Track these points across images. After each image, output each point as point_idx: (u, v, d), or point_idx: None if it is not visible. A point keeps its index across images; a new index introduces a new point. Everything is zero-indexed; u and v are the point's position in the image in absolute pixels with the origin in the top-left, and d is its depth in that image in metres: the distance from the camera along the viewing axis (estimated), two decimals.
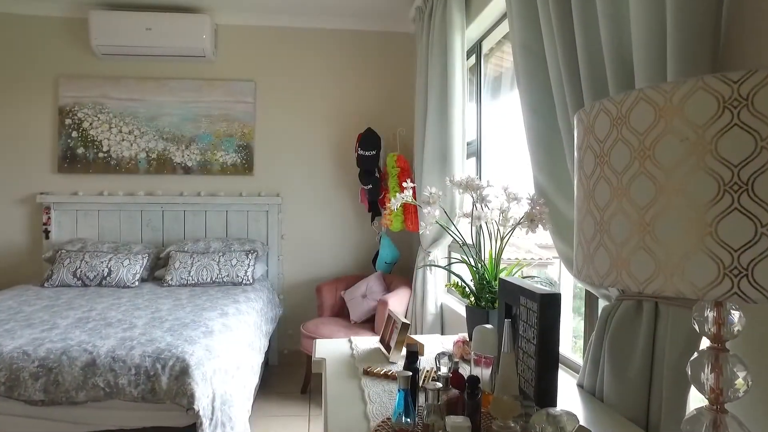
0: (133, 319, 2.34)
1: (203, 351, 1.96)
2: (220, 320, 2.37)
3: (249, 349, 2.44)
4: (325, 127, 3.98)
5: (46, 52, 3.85)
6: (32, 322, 2.29)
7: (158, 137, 3.84)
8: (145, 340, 2.00)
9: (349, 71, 4.00)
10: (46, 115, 3.85)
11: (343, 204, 3.99)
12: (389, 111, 4.00)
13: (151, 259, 3.47)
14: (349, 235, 4.00)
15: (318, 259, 3.97)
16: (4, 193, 3.83)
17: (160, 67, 3.88)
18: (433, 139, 2.97)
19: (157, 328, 2.18)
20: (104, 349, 1.91)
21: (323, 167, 3.98)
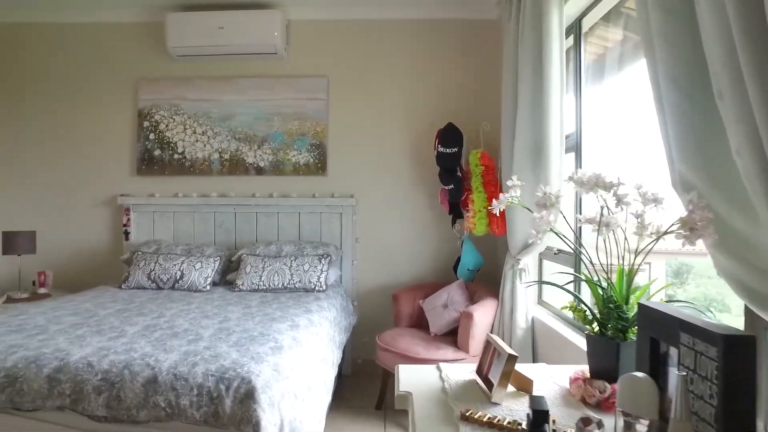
0: (200, 329, 2.19)
1: (271, 371, 1.75)
2: (290, 333, 2.17)
3: (322, 364, 2.23)
4: (402, 123, 3.73)
5: (127, 57, 3.89)
6: (102, 328, 2.20)
7: (231, 137, 3.76)
8: (209, 355, 1.82)
9: (427, 63, 3.72)
10: (126, 119, 3.89)
11: (421, 205, 3.72)
12: (471, 105, 3.67)
13: (222, 262, 3.37)
14: (427, 239, 3.72)
15: (394, 264, 3.72)
16: (89, 194, 3.91)
17: (232, 65, 3.80)
18: (524, 133, 2.62)
19: (223, 341, 2.01)
20: (166, 365, 1.75)
21: (400, 166, 3.72)
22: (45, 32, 3.97)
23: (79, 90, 3.93)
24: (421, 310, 3.27)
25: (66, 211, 3.94)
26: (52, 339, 2.03)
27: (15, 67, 4.00)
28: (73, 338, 2.04)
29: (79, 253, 3.94)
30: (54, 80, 3.96)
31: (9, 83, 4.00)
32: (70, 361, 1.80)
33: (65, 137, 3.94)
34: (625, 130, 2.38)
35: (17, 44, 4.00)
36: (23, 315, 2.43)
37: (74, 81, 3.94)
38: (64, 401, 1.74)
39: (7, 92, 4.00)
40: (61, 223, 3.95)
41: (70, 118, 3.94)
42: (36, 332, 2.14)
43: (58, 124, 3.96)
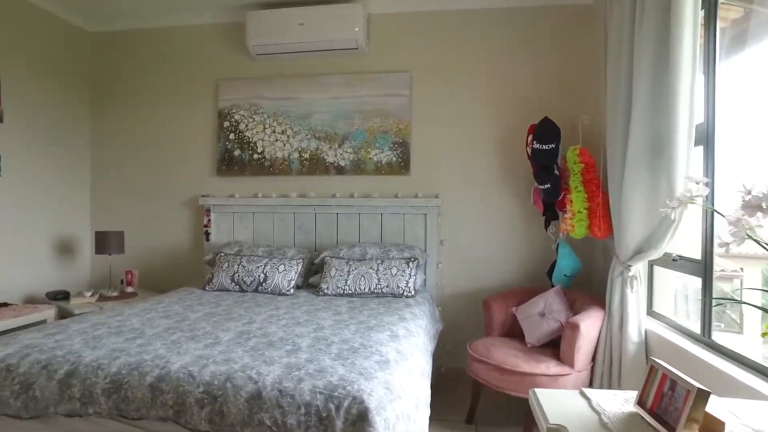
0: (296, 338, 2.08)
1: (383, 390, 1.60)
2: (392, 345, 2.01)
3: (423, 379, 2.06)
4: (491, 119, 3.50)
5: (208, 58, 3.90)
6: (196, 333, 2.14)
7: (310, 136, 3.67)
8: (313, 369, 1.70)
9: (517, 55, 3.48)
10: (207, 119, 3.89)
11: (510, 206, 3.48)
12: (567, 98, 3.40)
13: (305, 265, 3.29)
14: (517, 241, 3.48)
15: (481, 268, 3.51)
16: (173, 195, 3.95)
17: (312, 62, 3.72)
18: (641, 126, 2.34)
19: (324, 353, 1.88)
20: (270, 379, 1.64)
21: (488, 164, 3.50)
22: (130, 39, 4.05)
23: (163, 93, 3.98)
24: (514, 318, 3.04)
25: (151, 211, 4.00)
26: (150, 344, 1.97)
27: (101, 73, 4.11)
28: (170, 344, 1.98)
29: (162, 253, 3.99)
30: (139, 84, 4.03)
31: (99, 89, 4.11)
32: (171, 369, 1.73)
33: (151, 140, 4.01)
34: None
35: (104, 51, 4.10)
36: (119, 316, 2.41)
37: (158, 84, 3.99)
38: (167, 412, 1.66)
39: (97, 98, 4.11)
40: (147, 224, 4.01)
41: (154, 120, 4.00)
42: (133, 335, 2.10)
43: (143, 127, 4.03)
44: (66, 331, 2.14)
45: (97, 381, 1.73)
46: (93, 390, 1.72)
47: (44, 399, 1.76)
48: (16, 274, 3.48)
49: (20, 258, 3.52)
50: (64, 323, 2.28)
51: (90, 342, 1.99)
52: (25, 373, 1.80)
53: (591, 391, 1.33)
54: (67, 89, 3.92)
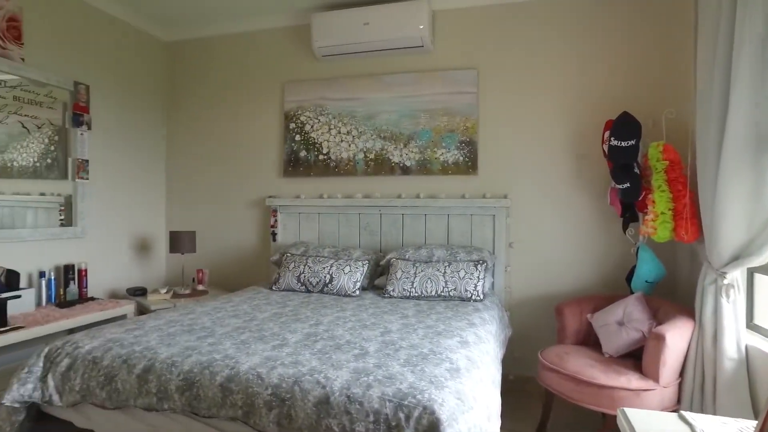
0: (363, 342, 2.04)
1: (454, 400, 1.52)
2: (462, 352, 1.93)
3: (494, 388, 1.96)
4: (563, 114, 3.32)
5: (275, 61, 3.97)
6: (264, 334, 2.15)
7: (376, 136, 3.64)
8: (382, 376, 1.64)
9: (592, 46, 3.28)
10: (274, 122, 3.96)
11: (584, 206, 3.28)
12: (648, 90, 3.16)
13: (370, 266, 3.26)
14: (592, 244, 3.27)
15: (552, 272, 3.33)
16: (241, 196, 4.06)
17: (376, 62, 3.69)
18: (743, 114, 2.11)
19: (392, 358, 1.83)
20: (338, 384, 1.60)
21: (560, 163, 3.32)
22: (201, 46, 4.20)
23: (232, 97, 4.10)
24: (589, 326, 2.86)
25: (221, 212, 4.13)
26: (220, 344, 2.00)
27: (175, 80, 4.29)
28: (239, 344, 2.00)
29: (231, 253, 4.10)
30: (209, 90, 4.17)
31: (173, 96, 4.30)
32: (240, 370, 1.74)
33: (220, 143, 4.14)
34: None
35: (178, 60, 4.28)
36: (191, 314, 2.48)
37: (227, 89, 4.12)
38: (236, 413, 1.67)
39: (171, 104, 4.30)
40: (216, 224, 4.14)
41: (224, 124, 4.12)
42: (204, 334, 2.14)
43: (214, 131, 4.16)
44: (143, 328, 2.22)
45: (171, 378, 1.77)
46: (168, 386, 1.76)
47: (125, 392, 1.83)
48: (101, 271, 3.69)
49: (105, 256, 3.73)
50: (142, 319, 2.37)
51: (165, 339, 2.05)
52: (108, 366, 1.88)
53: (693, 415, 1.19)
54: (145, 97, 4.12)
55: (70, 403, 1.92)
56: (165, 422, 1.81)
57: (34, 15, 3.21)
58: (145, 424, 1.85)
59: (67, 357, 1.96)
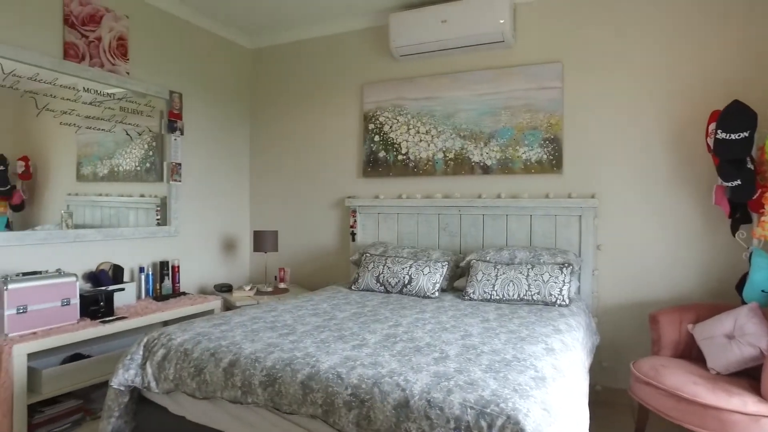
0: (443, 345, 1.99)
1: (540, 410, 1.43)
2: (548, 360, 1.82)
3: (581, 400, 1.83)
4: (659, 107, 3.07)
5: (353, 63, 4.02)
6: (343, 333, 2.16)
7: (455, 135, 3.57)
8: (463, 381, 1.59)
9: (693, 29, 2.99)
10: (353, 123, 4.01)
11: (684, 206, 3.01)
12: (762, 75, 2.84)
13: (450, 267, 3.20)
14: (694, 248, 2.99)
15: (646, 277, 3.09)
16: (321, 197, 4.14)
17: (455, 60, 3.62)
18: None
19: (474, 363, 1.77)
20: (418, 387, 1.56)
21: (655, 159, 3.07)
22: (283, 52, 4.35)
23: (312, 99, 4.20)
24: (690, 338, 2.62)
25: (301, 212, 4.24)
26: (301, 341, 2.04)
27: (259, 85, 4.46)
28: (319, 343, 2.02)
29: (311, 252, 4.20)
30: (291, 93, 4.30)
31: (257, 100, 4.48)
32: (321, 369, 1.75)
33: (302, 145, 4.25)
34: None
35: (262, 66, 4.45)
36: (273, 312, 2.55)
37: (308, 92, 4.22)
38: (316, 410, 1.68)
39: (256, 108, 4.49)
40: (297, 224, 4.26)
41: (305, 126, 4.24)
42: (286, 332, 2.19)
43: (295, 133, 4.29)
44: (229, 323, 2.31)
45: (255, 373, 1.82)
46: (251, 381, 1.81)
47: (212, 383, 1.90)
48: (192, 268, 3.92)
49: (195, 253, 3.96)
50: (228, 315, 2.48)
51: (249, 335, 2.12)
52: (197, 358, 1.97)
53: None
54: (231, 102, 4.33)
55: (165, 390, 2.04)
56: (249, 415, 1.86)
57: (137, 33, 3.47)
58: (230, 416, 1.92)
59: (162, 347, 2.09)
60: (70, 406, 2.63)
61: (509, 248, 3.12)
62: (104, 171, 3.25)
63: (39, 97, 2.90)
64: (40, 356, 2.66)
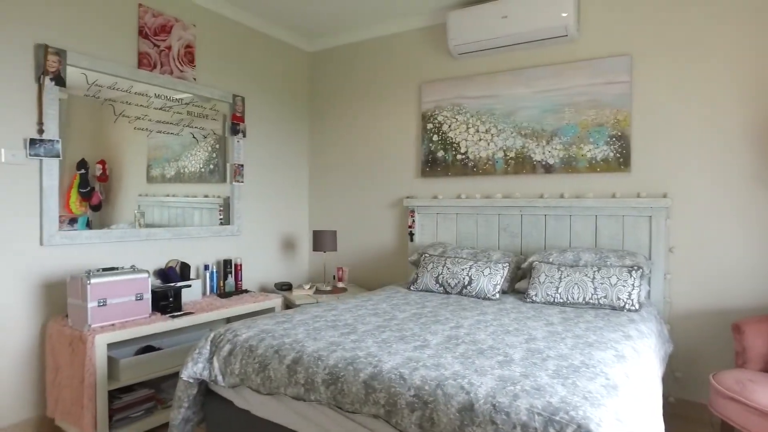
0: (506, 348, 1.94)
1: (613, 420, 1.37)
2: (618, 367, 1.74)
3: (655, 412, 1.73)
4: (743, 97, 2.84)
5: (411, 62, 4.00)
6: (404, 334, 2.15)
7: (516, 134, 3.49)
8: (529, 386, 1.54)
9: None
10: (411, 122, 4.00)
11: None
12: None
13: (511, 269, 3.12)
14: None
15: (726, 282, 2.89)
16: (379, 197, 4.16)
17: (516, 56, 3.53)
18: None
19: (539, 367, 1.71)
20: (483, 391, 1.53)
21: (737, 155, 2.86)
22: (342, 53, 4.39)
23: (370, 100, 4.22)
24: None
25: (359, 212, 4.28)
26: (363, 341, 2.04)
27: (317, 87, 4.54)
28: (380, 342, 2.02)
29: (369, 252, 4.22)
30: (349, 94, 4.34)
31: (315, 102, 4.56)
32: (383, 369, 1.75)
33: (360, 145, 4.28)
34: None
35: (320, 68, 4.52)
36: (334, 311, 2.58)
37: (366, 92, 4.25)
38: (378, 410, 1.68)
39: (314, 110, 4.56)
40: (355, 224, 4.30)
41: (363, 127, 4.26)
42: (347, 331, 2.20)
43: (353, 134, 4.33)
44: (291, 321, 2.35)
45: (318, 371, 1.84)
46: (314, 379, 1.84)
47: (276, 380, 1.94)
48: (253, 266, 4.04)
49: (256, 252, 4.08)
50: (290, 313, 2.53)
51: (311, 333, 2.15)
52: (261, 355, 2.02)
53: None
54: (291, 104, 4.42)
55: (230, 384, 2.10)
56: (312, 412, 1.89)
57: (203, 40, 3.62)
58: (293, 412, 1.95)
59: (228, 343, 2.15)
60: (144, 394, 2.77)
61: (573, 250, 3.00)
62: (171, 173, 3.40)
63: (116, 104, 3.08)
64: (116, 347, 2.82)
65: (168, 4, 3.37)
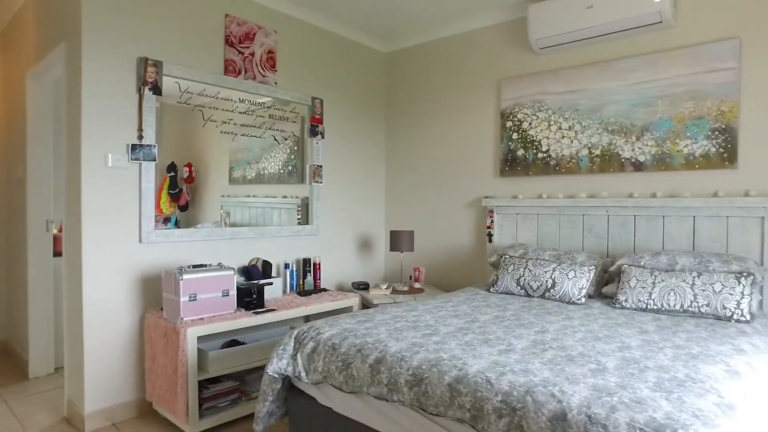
0: (598, 355, 1.83)
1: None
2: (732, 384, 1.58)
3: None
4: None
5: (489, 59, 3.91)
6: (488, 337, 2.09)
7: (602, 130, 3.30)
8: (628, 399, 1.43)
9: None
10: (489, 121, 3.90)
11: None
12: None
13: (597, 272, 2.96)
14: None
15: None
16: (456, 197, 4.10)
17: (603, 48, 3.34)
18: None
19: (637, 379, 1.59)
20: (576, 400, 1.45)
21: None
22: (418, 53, 4.37)
23: (446, 99, 4.17)
24: None
25: (437, 212, 4.23)
26: (445, 343, 2.01)
27: (394, 87, 4.54)
28: (464, 345, 1.98)
29: (446, 252, 4.17)
30: (425, 93, 4.31)
31: (392, 102, 4.57)
32: (469, 372, 1.70)
33: (436, 144, 4.24)
34: None
35: (396, 68, 4.53)
36: (414, 311, 2.56)
37: (442, 91, 4.20)
38: (464, 415, 1.64)
39: (390, 110, 4.58)
40: (432, 224, 4.26)
41: (439, 126, 4.22)
42: (429, 332, 2.18)
43: (429, 133, 4.29)
44: (372, 321, 2.36)
45: (401, 372, 1.83)
46: (397, 379, 1.82)
47: (359, 379, 1.95)
48: (332, 265, 4.12)
49: (334, 251, 4.15)
50: (370, 313, 2.53)
51: (393, 333, 2.15)
52: (345, 353, 2.04)
53: None
54: (367, 105, 4.46)
55: (314, 381, 2.14)
56: (395, 413, 1.88)
57: (284, 45, 3.73)
58: (376, 412, 1.95)
59: (312, 341, 2.19)
60: (230, 386, 2.89)
61: (668, 253, 2.79)
62: (252, 174, 3.53)
63: (205, 109, 3.24)
64: (203, 340, 2.97)
65: (252, 12, 3.51)
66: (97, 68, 2.76)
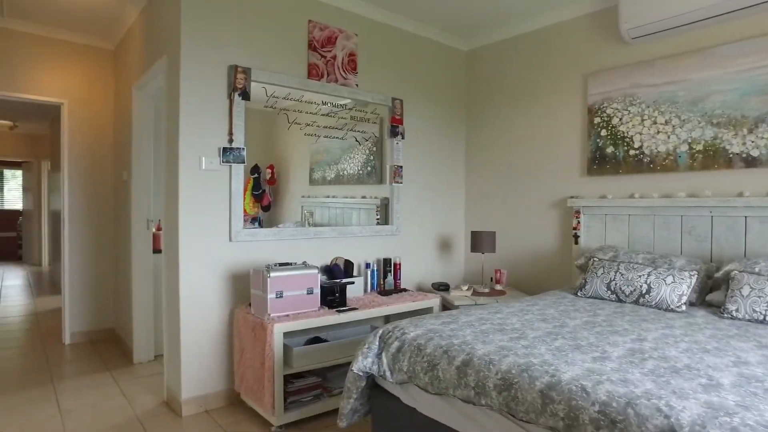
0: (709, 369, 1.67)
1: None
2: None
3: None
4: None
5: (573, 53, 3.74)
6: (579, 343, 1.99)
7: (705, 123, 3.05)
8: (753, 422, 1.29)
9: None
10: (575, 117, 3.73)
11: None
12: None
13: (700, 278, 2.73)
14: None
15: None
16: (540, 197, 3.96)
17: (705, 33, 3.08)
18: None
19: (762, 400, 1.44)
20: (687, 417, 1.33)
21: None
22: (498, 50, 4.26)
23: (528, 96, 4.04)
24: None
25: (519, 212, 4.11)
26: (535, 347, 1.93)
27: (474, 85, 4.46)
28: (554, 351, 1.89)
29: (529, 254, 4.03)
30: (506, 91, 4.20)
31: (472, 100, 4.49)
32: (562, 379, 1.62)
33: (517, 143, 4.12)
34: None
35: (476, 66, 4.44)
36: (499, 314, 2.50)
37: (523, 88, 4.07)
38: (557, 423, 1.56)
39: (471, 108, 4.50)
40: (513, 225, 4.14)
41: (521, 124, 4.09)
42: (516, 336, 2.11)
43: (510, 132, 4.18)
44: (456, 322, 2.32)
45: (489, 375, 1.78)
46: (485, 383, 1.78)
47: (445, 380, 1.92)
48: (411, 265, 4.11)
49: (414, 252, 4.14)
50: (454, 314, 2.50)
51: (479, 336, 2.10)
52: (430, 354, 2.02)
53: None
54: (447, 104, 4.42)
55: (398, 381, 2.14)
56: (482, 417, 1.83)
57: (364, 47, 3.78)
58: (462, 415, 1.91)
59: (397, 341, 2.19)
60: (313, 382, 2.96)
61: None
62: (331, 175, 3.60)
63: (289, 113, 3.35)
64: (288, 336, 3.06)
65: (333, 17, 3.59)
66: (192, 77, 2.94)
